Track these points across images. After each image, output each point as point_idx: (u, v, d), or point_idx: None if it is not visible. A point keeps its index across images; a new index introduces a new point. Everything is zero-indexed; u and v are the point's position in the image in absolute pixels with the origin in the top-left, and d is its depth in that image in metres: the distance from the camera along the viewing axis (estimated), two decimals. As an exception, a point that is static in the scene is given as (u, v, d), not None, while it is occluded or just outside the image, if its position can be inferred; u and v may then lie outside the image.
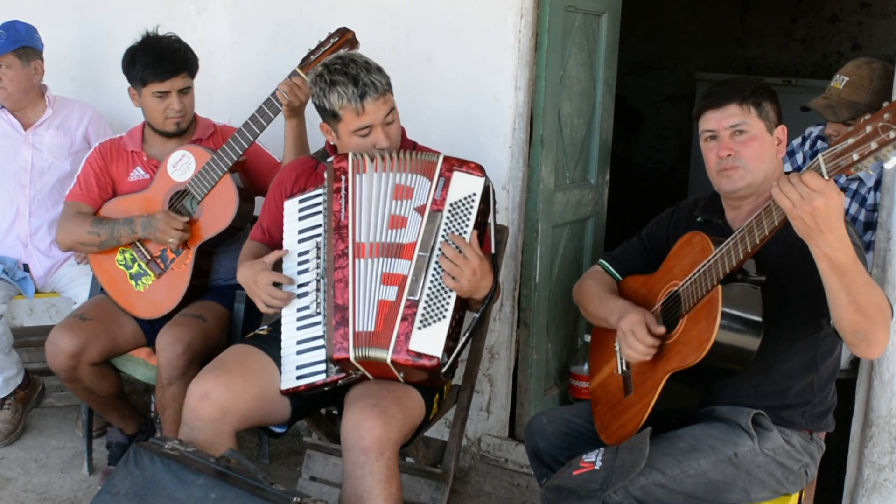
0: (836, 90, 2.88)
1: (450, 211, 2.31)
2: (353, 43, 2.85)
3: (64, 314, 3.54)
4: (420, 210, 2.33)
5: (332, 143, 2.56)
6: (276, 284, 2.43)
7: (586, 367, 3.33)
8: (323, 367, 2.36)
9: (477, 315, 2.36)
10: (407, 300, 2.26)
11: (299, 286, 2.43)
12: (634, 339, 2.21)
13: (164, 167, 3.04)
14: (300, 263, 2.45)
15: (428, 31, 3.25)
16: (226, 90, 3.68)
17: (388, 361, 2.26)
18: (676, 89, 7.45)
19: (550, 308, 3.37)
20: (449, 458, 2.71)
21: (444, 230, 2.29)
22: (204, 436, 2.31)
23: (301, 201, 2.51)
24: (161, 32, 3.09)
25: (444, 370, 2.26)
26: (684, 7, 7.25)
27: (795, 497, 2.31)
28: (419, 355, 2.24)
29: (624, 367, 2.36)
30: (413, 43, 3.28)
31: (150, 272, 3.04)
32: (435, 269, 2.27)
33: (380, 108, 2.42)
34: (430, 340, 2.24)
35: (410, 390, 2.39)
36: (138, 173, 3.13)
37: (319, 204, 2.46)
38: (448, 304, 2.26)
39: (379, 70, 2.45)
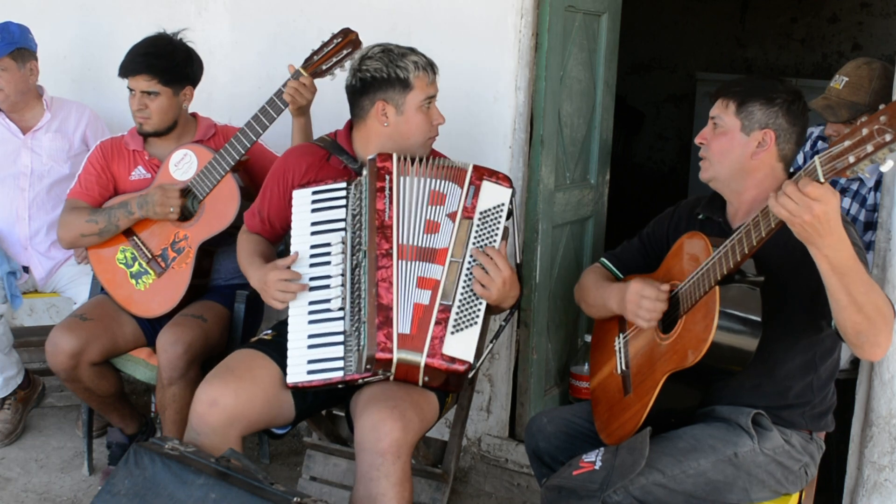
0: (835, 90, 2.88)
1: (480, 219, 2.35)
2: (356, 44, 2.85)
3: (64, 314, 3.54)
4: (452, 216, 2.36)
5: (384, 125, 2.49)
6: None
7: (586, 367, 3.33)
8: (340, 363, 2.34)
9: (504, 323, 2.39)
10: (440, 304, 2.28)
11: (312, 279, 2.42)
12: (649, 301, 2.22)
13: (166, 166, 3.04)
14: (313, 256, 2.44)
15: (428, 30, 3.25)
16: (226, 90, 3.68)
17: (422, 365, 2.26)
18: (676, 89, 7.44)
19: (550, 308, 3.37)
20: (449, 458, 2.71)
21: (475, 237, 2.33)
22: (210, 441, 2.30)
23: (315, 192, 2.49)
24: (179, 37, 3.11)
25: (470, 375, 2.29)
26: (684, 7, 7.24)
27: (795, 497, 2.31)
28: (452, 360, 2.25)
29: (623, 367, 2.37)
30: (413, 43, 3.25)
31: (150, 271, 3.04)
32: (467, 275, 2.31)
33: (436, 86, 2.52)
34: (462, 345, 2.26)
35: (427, 393, 2.38)
36: (140, 172, 3.13)
37: (339, 199, 2.45)
38: (479, 310, 2.29)
39: None
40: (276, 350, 2.44)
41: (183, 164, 3.02)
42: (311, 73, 2.86)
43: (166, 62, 3.04)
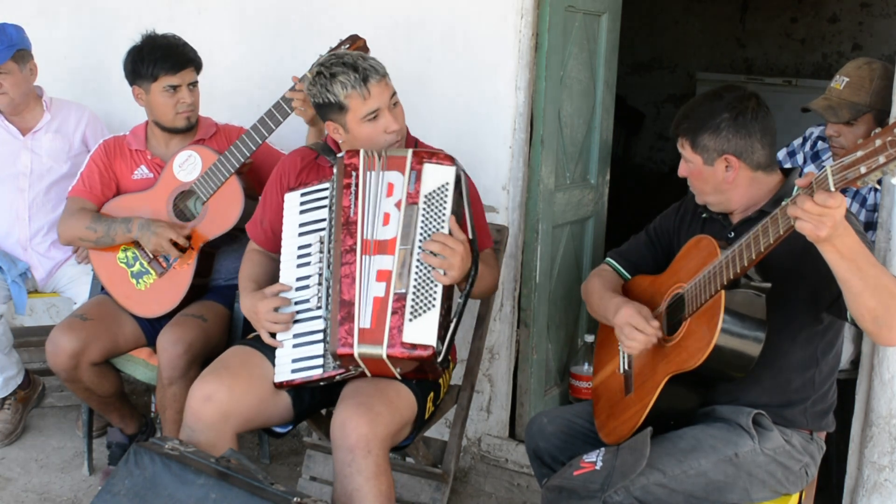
0: (836, 91, 2.87)
1: (425, 203, 2.34)
2: (365, 50, 2.85)
3: (64, 314, 3.54)
4: (397, 205, 2.35)
5: (340, 140, 2.55)
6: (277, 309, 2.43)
7: (586, 367, 3.33)
8: (320, 361, 2.37)
9: (461, 299, 2.36)
10: (395, 294, 2.28)
11: (298, 279, 2.44)
12: (633, 330, 2.24)
13: (170, 167, 3.04)
14: (300, 258, 2.46)
15: (428, 31, 3.25)
16: (226, 90, 3.68)
17: (384, 356, 2.27)
18: (676, 89, 7.45)
19: (550, 308, 3.37)
20: (449, 458, 2.71)
21: (423, 222, 2.32)
22: (206, 438, 2.31)
23: (303, 195, 2.51)
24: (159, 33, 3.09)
25: (439, 359, 2.28)
26: (684, 7, 7.25)
27: (796, 497, 2.31)
28: (414, 346, 2.25)
29: (626, 367, 2.37)
30: (413, 43, 3.28)
31: (151, 271, 3.04)
32: (418, 260, 2.30)
33: (384, 91, 2.45)
34: (422, 331, 2.26)
35: (400, 388, 2.39)
36: (142, 172, 3.13)
37: (323, 198, 2.46)
38: (436, 292, 2.28)
39: (374, 59, 2.48)
40: (271, 347, 2.45)
41: (187, 165, 3.03)
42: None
43: (192, 50, 3.08)
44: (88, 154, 3.25)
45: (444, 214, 2.32)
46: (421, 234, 2.31)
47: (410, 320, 2.26)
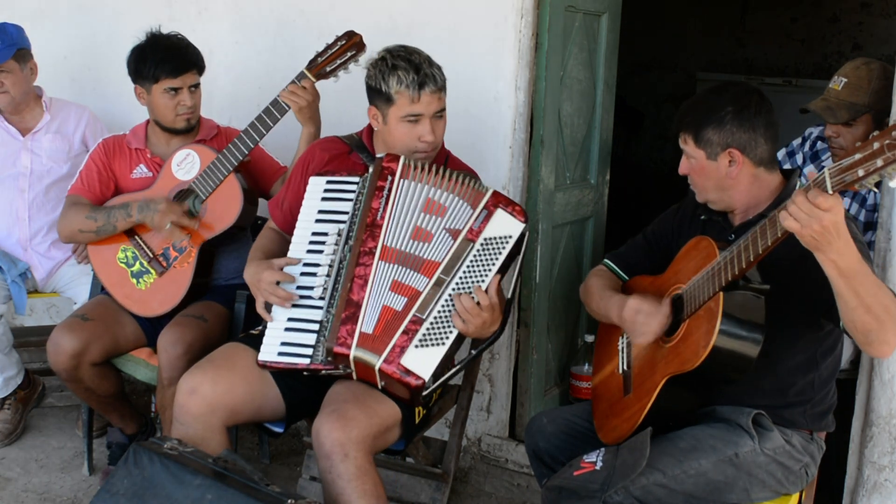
0: (834, 91, 2.87)
1: (482, 244, 2.32)
2: (361, 46, 2.86)
3: (64, 314, 3.53)
4: (454, 234, 2.34)
5: (376, 128, 2.55)
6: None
7: (587, 367, 3.33)
8: (310, 351, 2.36)
9: (473, 352, 2.37)
10: (414, 315, 2.27)
11: (305, 265, 2.43)
12: (644, 318, 2.23)
13: (169, 165, 3.04)
14: (311, 243, 2.45)
15: (428, 30, 3.25)
16: (226, 90, 3.68)
17: (377, 368, 2.27)
18: (676, 89, 7.43)
19: (550, 308, 3.37)
20: (449, 458, 2.71)
21: (472, 261, 2.30)
22: (194, 431, 2.34)
23: (329, 182, 2.50)
24: (164, 32, 3.09)
25: (425, 393, 2.27)
26: (684, 7, 7.25)
27: (796, 497, 2.32)
28: (407, 372, 2.24)
29: (625, 367, 2.37)
30: (413, 43, 3.25)
31: (151, 270, 3.04)
32: (450, 295, 2.28)
33: (433, 102, 2.46)
34: (423, 361, 2.25)
35: (380, 394, 2.38)
36: (141, 171, 3.13)
37: (349, 192, 2.46)
38: (451, 331, 2.27)
39: (439, 68, 2.49)
40: (261, 343, 2.45)
41: (186, 163, 3.02)
42: (316, 75, 2.88)
43: (196, 52, 3.08)
44: (87, 154, 3.26)
45: (492, 265, 2.30)
46: (464, 273, 2.29)
47: (416, 346, 2.25)
